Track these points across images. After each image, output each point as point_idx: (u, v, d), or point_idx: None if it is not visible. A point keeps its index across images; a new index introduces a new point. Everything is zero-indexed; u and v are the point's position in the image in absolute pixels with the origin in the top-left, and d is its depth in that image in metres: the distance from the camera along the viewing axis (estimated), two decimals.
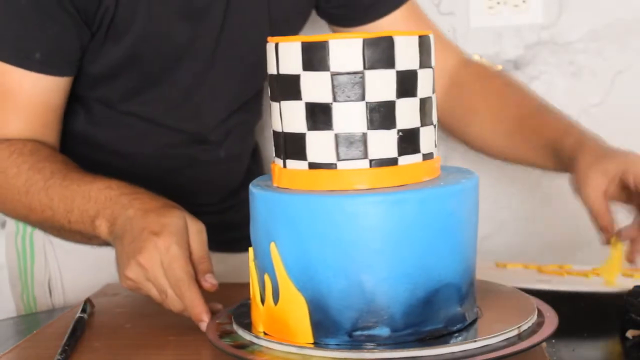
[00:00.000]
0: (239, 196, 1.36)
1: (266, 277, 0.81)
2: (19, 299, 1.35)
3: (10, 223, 1.34)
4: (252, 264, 0.85)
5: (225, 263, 1.38)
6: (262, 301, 0.83)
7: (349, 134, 0.78)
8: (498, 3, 1.62)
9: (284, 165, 0.82)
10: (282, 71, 0.80)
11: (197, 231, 0.99)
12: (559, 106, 1.64)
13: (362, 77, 0.78)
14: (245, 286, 0.90)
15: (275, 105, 0.82)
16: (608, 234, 1.08)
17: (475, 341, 0.78)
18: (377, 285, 0.77)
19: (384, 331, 0.78)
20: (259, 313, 0.83)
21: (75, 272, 1.29)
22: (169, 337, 0.96)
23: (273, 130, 0.84)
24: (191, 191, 1.31)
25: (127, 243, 0.99)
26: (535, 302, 0.88)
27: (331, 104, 0.78)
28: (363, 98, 0.78)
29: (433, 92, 0.83)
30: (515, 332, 0.80)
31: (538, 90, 1.64)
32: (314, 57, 0.78)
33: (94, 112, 1.25)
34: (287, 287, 0.79)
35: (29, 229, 1.31)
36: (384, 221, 0.77)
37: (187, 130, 1.27)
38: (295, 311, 0.79)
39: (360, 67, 0.77)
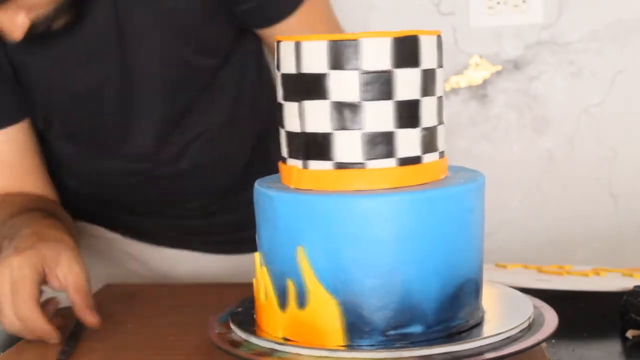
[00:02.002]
0: (227, 199, 1.33)
1: (289, 282, 0.80)
2: None
3: None
4: (260, 270, 0.83)
5: (216, 265, 1.38)
6: (281, 306, 0.81)
7: (378, 132, 0.78)
8: (498, 3, 1.62)
9: (305, 166, 0.81)
10: (305, 70, 0.79)
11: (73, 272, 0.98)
12: (559, 106, 1.66)
13: (391, 76, 0.78)
14: (235, 288, 0.87)
15: (291, 105, 0.80)
16: None
17: (480, 339, 0.78)
18: (411, 283, 0.77)
19: (417, 328, 0.78)
20: (276, 319, 0.82)
21: None
22: (169, 337, 0.96)
23: (286, 131, 0.82)
24: (163, 200, 1.30)
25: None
26: (535, 302, 0.88)
27: (360, 102, 0.78)
28: (391, 96, 0.78)
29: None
30: (515, 332, 0.80)
31: (538, 90, 1.65)
32: (343, 55, 0.77)
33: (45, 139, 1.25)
34: (317, 291, 0.78)
35: None
36: (416, 219, 0.77)
37: (130, 154, 1.23)
38: (325, 315, 0.78)
39: (389, 66, 0.77)
